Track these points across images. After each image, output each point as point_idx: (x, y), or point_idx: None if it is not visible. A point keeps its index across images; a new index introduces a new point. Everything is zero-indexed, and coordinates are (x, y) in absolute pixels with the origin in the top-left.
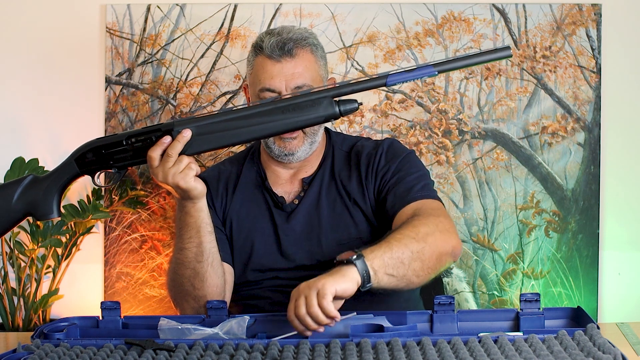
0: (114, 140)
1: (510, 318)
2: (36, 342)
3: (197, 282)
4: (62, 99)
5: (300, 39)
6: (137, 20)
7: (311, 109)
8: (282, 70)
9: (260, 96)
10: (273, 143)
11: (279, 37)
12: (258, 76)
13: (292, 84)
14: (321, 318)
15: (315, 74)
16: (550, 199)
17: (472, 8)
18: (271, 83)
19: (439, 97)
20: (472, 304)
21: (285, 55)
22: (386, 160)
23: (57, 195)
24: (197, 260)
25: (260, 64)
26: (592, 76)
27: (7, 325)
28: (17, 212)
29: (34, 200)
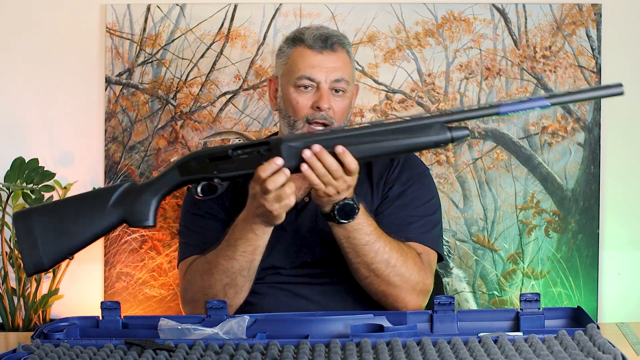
0: (220, 150)
1: (510, 318)
2: (36, 342)
3: (230, 292)
4: (62, 99)
5: (341, 37)
6: (137, 20)
7: (422, 133)
8: (323, 62)
9: (298, 84)
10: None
11: (321, 31)
12: (296, 65)
13: (332, 76)
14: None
15: (350, 74)
16: (550, 199)
17: (472, 8)
18: (312, 72)
19: (439, 97)
20: (472, 304)
21: (328, 49)
22: (399, 173)
23: (155, 204)
24: (241, 274)
25: (300, 53)
26: (592, 76)
27: (7, 325)
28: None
29: (131, 207)
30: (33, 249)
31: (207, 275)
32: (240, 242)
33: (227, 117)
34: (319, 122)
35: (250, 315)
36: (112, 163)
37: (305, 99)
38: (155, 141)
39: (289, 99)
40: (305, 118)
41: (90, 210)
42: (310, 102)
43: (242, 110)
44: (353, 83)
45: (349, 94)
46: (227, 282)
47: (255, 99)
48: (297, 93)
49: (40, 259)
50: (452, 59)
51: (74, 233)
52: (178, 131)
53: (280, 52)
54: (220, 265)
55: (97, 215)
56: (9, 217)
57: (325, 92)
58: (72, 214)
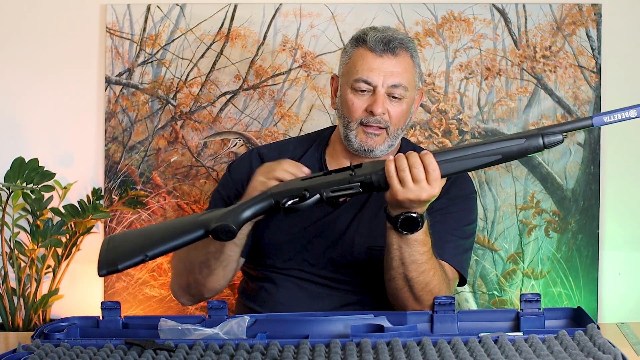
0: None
1: (511, 318)
2: (36, 342)
3: (204, 270)
4: (62, 99)
5: (405, 40)
6: (137, 20)
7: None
8: (382, 66)
9: (354, 86)
10: (355, 136)
11: (384, 34)
12: (356, 66)
13: (389, 81)
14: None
15: (412, 79)
16: (550, 199)
17: (472, 8)
18: (369, 75)
19: (439, 97)
20: (472, 304)
21: (388, 52)
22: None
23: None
24: (214, 256)
25: (361, 55)
26: (592, 76)
27: (7, 325)
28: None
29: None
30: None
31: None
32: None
33: (227, 117)
34: (372, 126)
35: (251, 316)
36: (112, 163)
37: (360, 102)
38: (155, 141)
39: (345, 99)
40: (359, 120)
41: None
42: (365, 105)
43: (242, 110)
44: (415, 88)
45: (408, 99)
46: (202, 260)
47: (255, 99)
48: (353, 94)
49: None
50: (452, 59)
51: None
52: (178, 131)
53: (344, 51)
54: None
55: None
56: (9, 217)
57: (380, 97)
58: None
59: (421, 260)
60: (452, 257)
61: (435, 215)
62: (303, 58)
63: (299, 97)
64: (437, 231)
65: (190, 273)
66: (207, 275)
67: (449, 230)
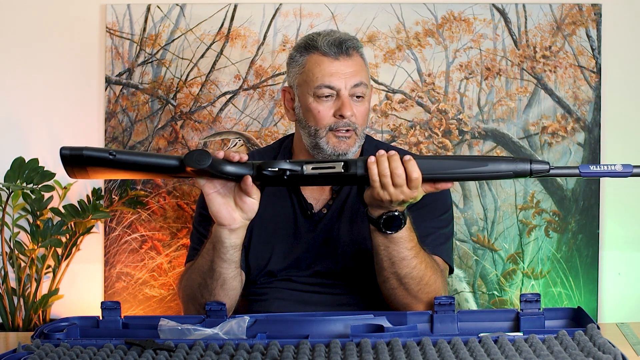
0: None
1: (511, 318)
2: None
3: (205, 293)
4: (62, 99)
5: (354, 40)
6: (137, 20)
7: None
8: (340, 68)
9: (317, 93)
10: (326, 143)
11: (333, 37)
12: (314, 73)
13: (351, 82)
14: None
15: (367, 77)
16: (550, 199)
17: (472, 8)
18: (331, 80)
19: (439, 97)
20: (472, 304)
21: (343, 54)
22: None
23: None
24: (208, 274)
25: (315, 61)
26: (592, 76)
27: (7, 325)
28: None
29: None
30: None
31: (190, 273)
32: (208, 242)
33: (227, 117)
34: (342, 130)
35: (251, 316)
36: None
37: (326, 108)
38: (155, 141)
39: (309, 109)
40: (329, 127)
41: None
42: (331, 111)
43: (242, 110)
44: (370, 85)
45: (368, 97)
46: (200, 281)
47: (256, 99)
48: (317, 103)
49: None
50: (452, 59)
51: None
52: (178, 131)
53: (292, 61)
54: (197, 265)
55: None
56: (9, 217)
57: (346, 100)
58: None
59: (410, 256)
60: (436, 249)
61: (413, 212)
62: None
63: None
64: (417, 227)
65: (194, 299)
66: (209, 297)
67: (428, 224)
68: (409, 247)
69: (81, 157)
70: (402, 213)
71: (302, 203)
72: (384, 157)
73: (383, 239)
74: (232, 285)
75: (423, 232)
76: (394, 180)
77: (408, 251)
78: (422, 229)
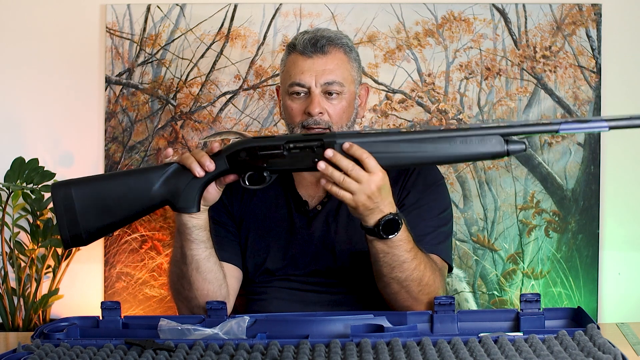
0: (272, 144)
1: (511, 318)
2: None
3: (185, 284)
4: (62, 99)
5: (333, 37)
6: (137, 20)
7: (479, 145)
8: (312, 66)
9: (290, 91)
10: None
11: (312, 35)
12: (289, 72)
13: (322, 79)
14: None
15: (347, 74)
16: (550, 199)
17: (472, 8)
18: (301, 78)
19: (439, 97)
20: (472, 304)
21: (317, 52)
22: (415, 179)
23: (201, 190)
24: (182, 261)
25: (293, 60)
26: (592, 76)
27: (7, 325)
28: (156, 199)
29: (176, 190)
30: (73, 224)
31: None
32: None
33: (227, 117)
34: (313, 127)
35: (250, 316)
36: (112, 163)
37: (297, 105)
38: (155, 141)
39: (285, 106)
40: (300, 124)
41: (135, 190)
42: (302, 108)
43: (242, 110)
44: (354, 83)
45: (347, 95)
46: (177, 272)
47: (255, 99)
48: (290, 100)
49: (80, 234)
50: (452, 59)
51: (116, 212)
52: (178, 131)
53: (281, 61)
54: (171, 257)
55: (141, 196)
56: (9, 217)
57: (315, 97)
58: (116, 192)
59: (410, 258)
60: (435, 247)
61: (410, 211)
62: None
63: None
64: (415, 225)
65: (180, 294)
66: (190, 287)
67: (426, 223)
68: (408, 248)
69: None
70: (397, 214)
71: (297, 200)
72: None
73: (383, 246)
74: (208, 267)
75: (422, 231)
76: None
77: (407, 253)
78: (422, 228)
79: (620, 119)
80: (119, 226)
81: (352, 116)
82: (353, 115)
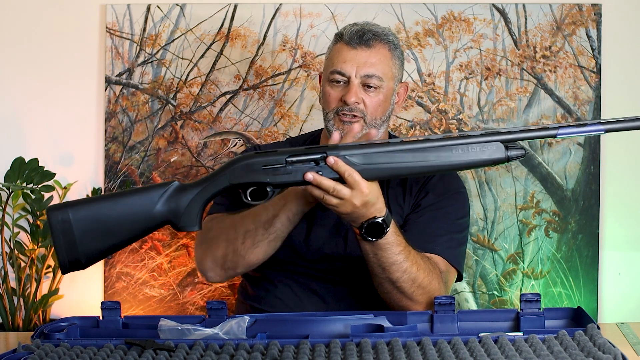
0: (274, 158)
1: (511, 318)
2: (36, 342)
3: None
4: (62, 99)
5: (380, 33)
6: (137, 20)
7: (480, 152)
8: (355, 57)
9: (330, 78)
10: (332, 126)
11: (360, 27)
12: (332, 60)
13: (362, 71)
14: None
15: (388, 70)
16: (550, 199)
17: (472, 8)
18: (343, 67)
19: (439, 97)
20: (472, 304)
21: (362, 44)
22: (436, 183)
23: (202, 207)
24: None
25: (337, 49)
26: (592, 76)
27: (7, 325)
28: (157, 220)
29: (177, 208)
30: (71, 248)
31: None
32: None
33: (227, 117)
34: (347, 114)
35: (250, 316)
36: (112, 163)
37: (335, 92)
38: (155, 141)
39: (323, 91)
40: (335, 110)
41: (135, 211)
42: (339, 95)
43: (242, 110)
44: (393, 80)
45: (385, 90)
46: (249, 228)
47: (255, 99)
48: (330, 86)
49: (78, 258)
50: (452, 59)
51: (117, 234)
52: (178, 131)
53: (327, 48)
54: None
55: (142, 216)
56: (9, 217)
57: (353, 87)
58: (116, 213)
59: (399, 260)
60: (445, 251)
61: (425, 212)
62: (303, 58)
63: (299, 97)
64: (429, 227)
65: (231, 243)
66: (250, 246)
67: (441, 225)
68: (397, 251)
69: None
70: (383, 218)
71: None
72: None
73: (370, 247)
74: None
75: (435, 232)
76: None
77: (397, 256)
78: (434, 229)
79: (616, 121)
80: (119, 248)
81: (388, 111)
82: (389, 111)
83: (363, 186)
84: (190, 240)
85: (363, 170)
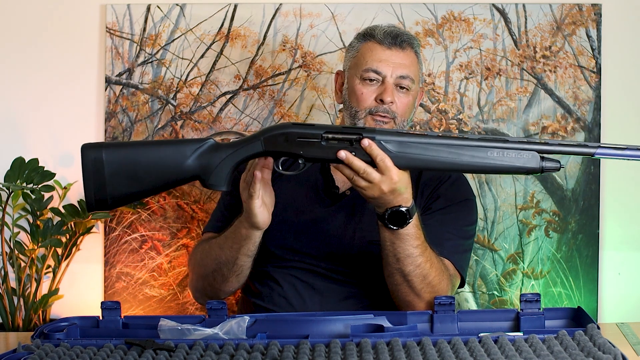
0: (311, 132)
1: (511, 318)
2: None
3: (218, 278)
4: (62, 99)
5: (411, 37)
6: (137, 20)
7: (514, 158)
8: (390, 57)
9: (364, 76)
10: (363, 124)
11: (392, 29)
12: (365, 58)
13: (398, 72)
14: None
15: (416, 73)
16: (550, 199)
17: (472, 8)
18: (379, 66)
19: (439, 97)
20: (472, 304)
21: (396, 45)
22: (448, 188)
23: (233, 169)
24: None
25: (369, 48)
26: (592, 76)
27: (7, 325)
28: (187, 173)
29: (208, 165)
30: (100, 187)
31: (205, 255)
32: (231, 237)
33: (227, 117)
34: (381, 115)
35: (250, 316)
36: None
37: (369, 91)
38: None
39: (354, 90)
40: (368, 110)
41: (167, 161)
42: (374, 95)
43: (242, 110)
44: (418, 84)
45: (413, 92)
46: (214, 268)
47: (256, 99)
48: (362, 85)
49: (106, 199)
50: (452, 59)
51: (145, 181)
52: (178, 131)
53: (350, 47)
54: (213, 251)
55: (173, 167)
56: (9, 217)
57: (389, 86)
58: (147, 160)
59: (415, 254)
60: (451, 255)
61: (435, 215)
62: (303, 58)
63: (299, 97)
64: (436, 230)
65: (205, 279)
66: (221, 282)
67: (449, 229)
68: (415, 244)
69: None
70: (409, 209)
71: (329, 182)
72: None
73: (389, 235)
74: (245, 274)
75: (442, 236)
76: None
77: (414, 249)
78: (443, 233)
79: None
80: (146, 195)
81: (412, 114)
82: (412, 114)
83: (394, 173)
84: (190, 241)
85: (396, 157)
